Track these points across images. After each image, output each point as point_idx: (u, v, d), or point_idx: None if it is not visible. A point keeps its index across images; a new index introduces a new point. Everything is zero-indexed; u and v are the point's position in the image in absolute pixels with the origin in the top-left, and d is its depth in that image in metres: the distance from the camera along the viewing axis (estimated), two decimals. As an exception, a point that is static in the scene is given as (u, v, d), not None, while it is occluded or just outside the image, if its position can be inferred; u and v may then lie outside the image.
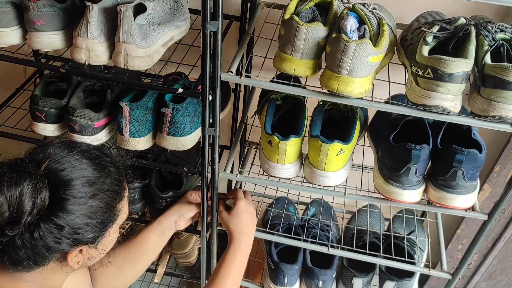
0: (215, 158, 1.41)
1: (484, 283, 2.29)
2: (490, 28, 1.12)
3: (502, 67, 1.04)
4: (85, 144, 1.02)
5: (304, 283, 1.74)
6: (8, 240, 0.87)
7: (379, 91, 1.24)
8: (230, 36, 1.64)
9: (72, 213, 0.91)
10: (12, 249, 0.88)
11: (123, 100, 1.42)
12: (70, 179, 0.92)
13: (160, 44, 1.31)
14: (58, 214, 0.89)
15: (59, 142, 0.99)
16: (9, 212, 0.86)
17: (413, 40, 1.20)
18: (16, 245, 0.88)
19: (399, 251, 1.61)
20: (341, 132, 1.39)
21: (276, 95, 1.47)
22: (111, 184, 0.99)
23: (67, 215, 0.90)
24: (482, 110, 1.10)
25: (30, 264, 0.92)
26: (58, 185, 0.90)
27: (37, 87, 1.53)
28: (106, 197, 0.97)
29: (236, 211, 1.50)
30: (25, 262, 0.91)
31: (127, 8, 1.20)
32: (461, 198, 1.31)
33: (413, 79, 1.14)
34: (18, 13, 1.29)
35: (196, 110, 1.43)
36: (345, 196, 1.42)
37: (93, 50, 1.25)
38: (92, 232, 0.95)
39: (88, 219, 0.93)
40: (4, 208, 0.86)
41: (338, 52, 1.09)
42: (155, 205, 1.64)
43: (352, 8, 1.15)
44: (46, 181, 0.90)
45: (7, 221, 0.86)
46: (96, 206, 0.95)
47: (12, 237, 0.87)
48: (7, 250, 0.88)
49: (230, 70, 1.24)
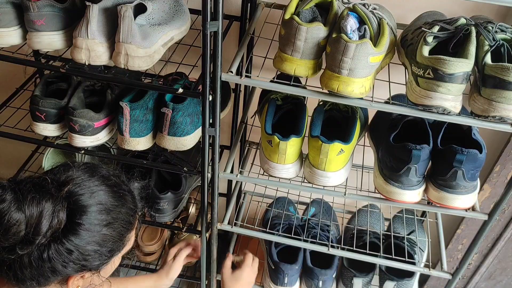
0: (215, 158, 1.41)
1: (484, 283, 2.29)
2: (491, 28, 1.12)
3: (503, 67, 1.04)
4: (105, 168, 1.01)
5: (304, 283, 1.74)
6: (16, 257, 0.87)
7: (380, 91, 1.24)
8: (230, 36, 1.64)
9: (84, 239, 0.90)
10: (18, 267, 0.87)
11: (123, 100, 1.42)
12: (88, 205, 0.91)
13: (160, 44, 1.31)
14: (71, 239, 0.89)
15: (82, 164, 0.98)
16: (25, 231, 0.85)
17: (414, 40, 1.20)
18: (23, 264, 0.87)
19: (399, 251, 1.61)
20: (341, 132, 1.39)
21: (276, 95, 1.47)
22: (126, 214, 0.98)
23: (79, 240, 0.89)
24: (483, 110, 1.10)
25: (33, 284, 0.91)
26: (75, 210, 0.90)
27: (37, 87, 1.53)
28: (120, 226, 0.96)
29: (238, 275, 1.59)
30: (29, 282, 0.90)
31: (128, 8, 1.20)
32: (461, 198, 1.31)
33: (413, 79, 1.14)
34: (19, 13, 1.29)
35: (196, 110, 1.43)
36: (345, 196, 1.42)
37: (93, 50, 1.25)
38: (99, 260, 0.94)
39: (99, 246, 0.93)
40: (22, 227, 0.85)
41: (338, 52, 1.09)
42: (153, 206, 1.64)
43: (353, 8, 1.15)
44: (66, 204, 0.89)
45: (21, 240, 0.85)
46: (108, 235, 0.94)
47: (21, 256, 0.86)
48: (13, 268, 0.88)
49: (231, 70, 1.24)
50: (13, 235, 0.84)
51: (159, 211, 1.64)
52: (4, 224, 0.84)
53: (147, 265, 2.14)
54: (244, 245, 2.04)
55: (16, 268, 0.88)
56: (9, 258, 0.87)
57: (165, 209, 1.64)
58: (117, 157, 1.65)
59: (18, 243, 0.85)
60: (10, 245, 0.85)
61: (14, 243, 0.85)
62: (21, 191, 0.87)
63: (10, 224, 0.84)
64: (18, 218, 0.84)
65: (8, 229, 0.84)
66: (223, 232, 1.73)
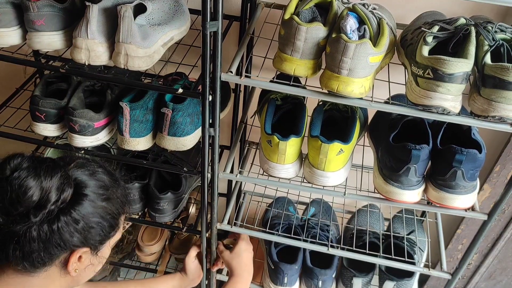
0: (215, 158, 1.41)
1: (484, 283, 2.29)
2: (490, 28, 1.12)
3: (502, 67, 1.04)
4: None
5: (304, 283, 1.74)
6: (27, 228, 0.92)
7: (379, 91, 1.24)
8: (230, 36, 1.64)
9: (89, 210, 0.98)
10: (27, 240, 0.93)
11: (123, 100, 1.42)
12: (90, 180, 1.01)
13: (160, 44, 1.31)
14: (77, 209, 0.96)
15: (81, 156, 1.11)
16: (39, 198, 0.92)
17: (413, 40, 1.20)
18: (32, 236, 0.93)
19: (398, 251, 1.61)
20: (341, 132, 1.39)
21: (276, 95, 1.47)
22: (121, 195, 1.07)
23: (85, 210, 0.97)
24: (482, 110, 1.10)
25: (38, 261, 0.96)
26: (80, 183, 0.99)
27: (37, 87, 1.53)
28: (116, 204, 1.05)
29: (238, 250, 1.62)
30: (35, 256, 0.95)
31: (127, 8, 1.20)
32: (461, 198, 1.31)
33: (413, 79, 1.14)
34: (18, 13, 1.29)
35: (196, 110, 1.43)
36: (345, 196, 1.42)
37: (93, 50, 1.25)
38: (99, 235, 1.02)
39: (101, 218, 1.00)
40: (36, 193, 0.92)
41: (338, 52, 1.09)
42: (153, 206, 1.64)
43: (352, 8, 1.15)
44: (72, 178, 0.98)
45: (34, 206, 0.92)
46: (108, 208, 1.02)
47: (31, 226, 0.92)
48: (22, 242, 0.93)
49: (230, 70, 1.24)
50: (27, 199, 0.91)
51: (159, 211, 1.64)
52: (21, 189, 0.91)
53: (147, 265, 2.14)
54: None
55: (25, 241, 0.93)
56: (19, 229, 0.92)
57: (165, 209, 1.64)
58: (117, 157, 1.65)
59: (31, 209, 0.92)
60: (24, 211, 0.92)
61: (27, 209, 0.92)
62: (37, 162, 0.96)
63: (27, 189, 0.91)
64: (33, 184, 0.91)
65: (24, 194, 0.91)
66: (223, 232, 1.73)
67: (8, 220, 0.92)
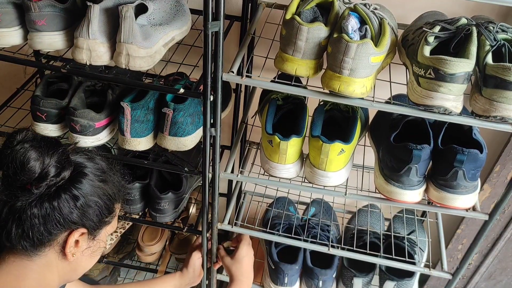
0: (216, 158, 1.41)
1: (484, 283, 2.30)
2: (492, 28, 1.12)
3: (504, 67, 1.04)
4: None
5: (304, 283, 1.74)
6: (28, 204, 0.96)
7: (380, 91, 1.24)
8: (231, 36, 1.64)
9: (88, 188, 1.02)
10: (28, 216, 0.96)
11: (124, 100, 1.42)
12: (88, 162, 1.06)
13: (161, 44, 1.31)
14: (77, 186, 1.01)
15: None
16: (40, 170, 0.96)
17: (415, 40, 1.20)
18: (32, 212, 0.96)
19: (399, 251, 1.62)
20: (342, 132, 1.39)
21: (277, 95, 1.47)
22: (117, 181, 1.12)
23: (83, 188, 1.01)
24: (484, 110, 1.10)
25: (38, 239, 0.99)
26: (79, 164, 1.04)
27: (38, 87, 1.53)
28: (112, 187, 1.09)
29: (238, 256, 1.63)
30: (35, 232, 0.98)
31: (129, 8, 1.20)
32: (461, 198, 1.32)
33: (414, 79, 1.14)
34: (19, 13, 1.29)
35: (197, 110, 1.43)
36: (346, 196, 1.42)
37: (94, 50, 1.25)
38: (97, 216, 1.05)
39: (98, 198, 1.04)
40: (38, 166, 0.96)
41: (339, 52, 1.09)
42: (154, 206, 1.64)
43: (354, 8, 1.15)
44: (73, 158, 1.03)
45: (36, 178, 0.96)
46: (105, 189, 1.06)
47: (32, 202, 0.96)
48: (24, 218, 0.97)
49: (231, 70, 1.24)
50: (29, 169, 0.95)
51: (160, 211, 1.64)
52: (24, 158, 0.95)
53: (147, 265, 2.14)
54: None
55: (27, 218, 0.96)
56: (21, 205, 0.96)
57: (165, 209, 1.64)
58: (118, 157, 1.65)
59: (33, 181, 0.96)
60: (25, 181, 0.96)
61: (29, 180, 0.96)
62: (41, 138, 1.01)
63: (29, 159, 0.95)
64: (35, 156, 0.96)
65: (27, 162, 0.95)
66: (223, 232, 1.73)
67: (10, 194, 0.96)
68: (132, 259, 2.24)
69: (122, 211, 1.24)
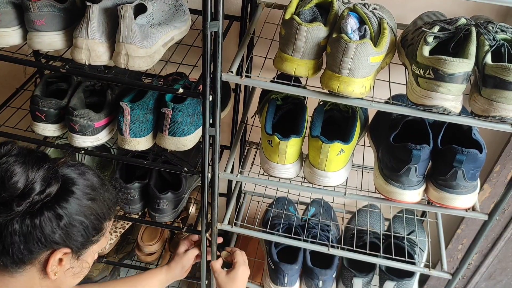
0: (215, 158, 1.41)
1: (484, 283, 2.29)
2: (491, 28, 1.12)
3: (503, 67, 1.04)
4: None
5: (304, 283, 1.74)
6: (9, 219, 0.91)
7: (380, 91, 1.24)
8: (230, 36, 1.64)
9: (74, 208, 0.97)
10: (8, 232, 0.92)
11: (123, 100, 1.42)
12: (78, 178, 1.01)
13: (161, 44, 1.31)
14: (62, 205, 0.96)
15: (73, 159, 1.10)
16: (23, 186, 0.92)
17: (414, 40, 1.20)
18: (13, 229, 0.92)
19: (399, 251, 1.61)
20: (341, 132, 1.39)
21: (276, 95, 1.47)
22: (108, 199, 1.07)
23: (69, 207, 0.97)
24: (483, 110, 1.10)
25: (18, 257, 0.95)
26: (67, 180, 0.99)
27: (38, 87, 1.53)
28: (102, 206, 1.04)
29: (233, 275, 1.57)
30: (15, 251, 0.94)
31: (128, 8, 1.20)
32: (461, 198, 1.31)
33: (413, 79, 1.14)
34: (19, 13, 1.29)
35: (196, 110, 1.43)
36: (345, 196, 1.42)
37: (94, 50, 1.25)
38: (82, 236, 1.00)
39: (85, 218, 0.99)
40: (21, 181, 0.92)
41: (338, 52, 1.09)
42: (153, 206, 1.64)
43: (353, 8, 1.15)
44: (60, 174, 0.98)
45: (18, 195, 0.92)
46: (93, 209, 1.01)
47: (13, 218, 0.92)
48: (4, 234, 0.92)
49: (231, 70, 1.24)
50: (12, 185, 0.91)
51: (159, 211, 1.64)
52: (7, 174, 0.91)
53: (147, 265, 2.14)
54: (244, 245, 2.04)
55: (7, 233, 0.92)
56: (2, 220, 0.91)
57: (165, 209, 1.64)
58: (117, 157, 1.65)
59: (15, 197, 0.91)
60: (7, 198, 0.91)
61: (11, 196, 0.91)
62: (27, 151, 0.97)
63: (12, 174, 0.91)
64: (19, 171, 0.92)
65: (10, 178, 0.91)
66: (223, 232, 1.73)
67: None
68: (132, 259, 2.24)
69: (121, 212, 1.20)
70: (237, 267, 1.59)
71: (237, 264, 1.59)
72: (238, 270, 1.58)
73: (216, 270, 1.61)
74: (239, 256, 1.62)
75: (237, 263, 1.59)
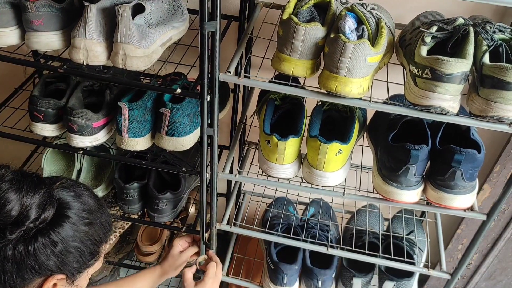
0: (214, 159, 1.41)
1: (484, 283, 2.29)
2: (489, 28, 1.12)
3: (501, 68, 1.04)
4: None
5: (303, 283, 1.74)
6: (1, 247, 0.88)
7: (378, 91, 1.24)
8: (228, 36, 1.64)
9: (69, 233, 0.94)
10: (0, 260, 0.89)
11: (122, 100, 1.42)
12: (74, 202, 0.97)
13: (159, 44, 1.31)
14: (57, 230, 0.92)
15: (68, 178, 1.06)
16: (18, 213, 0.88)
17: (412, 40, 1.19)
18: (6, 256, 0.88)
19: (398, 251, 1.61)
20: (339, 132, 1.39)
21: (275, 95, 1.47)
22: (105, 222, 1.04)
23: (64, 233, 0.93)
24: (481, 111, 1.10)
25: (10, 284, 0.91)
26: (63, 204, 0.95)
27: (36, 87, 1.53)
28: (99, 230, 1.01)
29: (202, 286, 1.54)
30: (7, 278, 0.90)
31: (126, 8, 1.20)
32: (459, 198, 1.31)
33: (411, 79, 1.13)
34: (17, 13, 1.29)
35: (195, 110, 1.43)
36: (344, 196, 1.42)
37: (91, 50, 1.25)
38: (78, 262, 0.97)
39: (81, 244, 0.96)
40: (16, 208, 0.88)
41: (336, 52, 1.09)
42: (152, 206, 1.64)
43: (351, 8, 1.15)
44: (56, 198, 0.95)
45: (12, 222, 0.88)
46: (90, 233, 0.98)
47: (6, 245, 0.88)
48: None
49: (229, 70, 1.24)
50: (5, 213, 0.87)
51: (158, 211, 1.64)
52: (0, 202, 0.87)
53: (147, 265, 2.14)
54: (243, 245, 2.04)
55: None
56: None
57: (164, 209, 1.64)
58: (116, 157, 1.65)
59: (8, 225, 0.88)
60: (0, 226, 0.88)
61: (4, 224, 0.88)
62: (22, 176, 0.92)
63: (6, 202, 0.87)
64: (14, 198, 0.88)
65: (3, 207, 0.87)
66: (222, 232, 1.73)
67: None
68: (132, 259, 2.24)
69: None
70: (206, 280, 1.55)
71: (206, 277, 1.56)
72: (206, 284, 1.54)
73: (187, 279, 1.56)
74: (211, 268, 1.59)
75: (206, 276, 1.56)
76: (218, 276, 1.61)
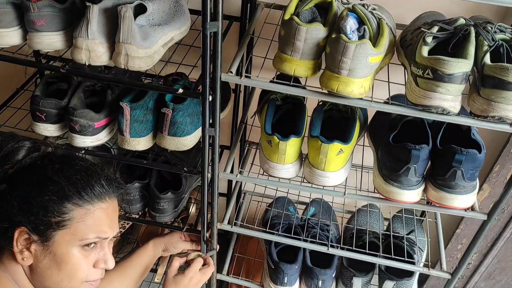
0: (215, 158, 1.41)
1: (484, 283, 2.30)
2: (490, 29, 1.12)
3: (502, 68, 1.04)
4: None
5: (304, 283, 1.74)
6: None
7: (379, 92, 1.24)
8: (230, 37, 1.64)
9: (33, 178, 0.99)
10: None
11: (123, 100, 1.42)
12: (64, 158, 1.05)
13: (161, 44, 1.31)
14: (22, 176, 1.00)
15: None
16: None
17: (413, 40, 1.20)
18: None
19: (398, 251, 1.62)
20: (340, 132, 1.39)
21: (276, 95, 1.48)
22: (84, 183, 1.02)
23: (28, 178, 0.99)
24: (482, 111, 1.10)
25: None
26: (49, 154, 1.05)
27: (38, 87, 1.53)
28: (72, 187, 1.00)
29: (179, 279, 1.51)
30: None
31: (128, 8, 1.20)
32: (460, 198, 1.32)
33: (412, 79, 1.14)
34: (19, 13, 1.29)
35: (196, 110, 1.44)
36: (345, 196, 1.42)
37: (94, 50, 1.25)
38: (42, 213, 0.97)
39: (49, 192, 0.98)
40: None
41: (338, 52, 1.09)
42: (153, 205, 1.64)
43: (352, 9, 1.15)
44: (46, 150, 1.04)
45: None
46: (55, 183, 1.00)
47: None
48: None
49: (230, 71, 1.24)
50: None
51: (159, 211, 1.64)
52: None
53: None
54: (244, 245, 2.04)
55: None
56: None
57: (165, 209, 1.64)
58: (117, 157, 1.65)
59: None
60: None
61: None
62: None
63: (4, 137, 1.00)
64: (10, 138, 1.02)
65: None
66: (223, 232, 1.73)
67: None
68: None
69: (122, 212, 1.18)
70: (186, 274, 1.52)
71: (187, 271, 1.53)
72: (185, 277, 1.51)
73: (172, 266, 1.55)
74: (196, 263, 1.56)
75: (188, 270, 1.54)
76: (204, 275, 1.57)
